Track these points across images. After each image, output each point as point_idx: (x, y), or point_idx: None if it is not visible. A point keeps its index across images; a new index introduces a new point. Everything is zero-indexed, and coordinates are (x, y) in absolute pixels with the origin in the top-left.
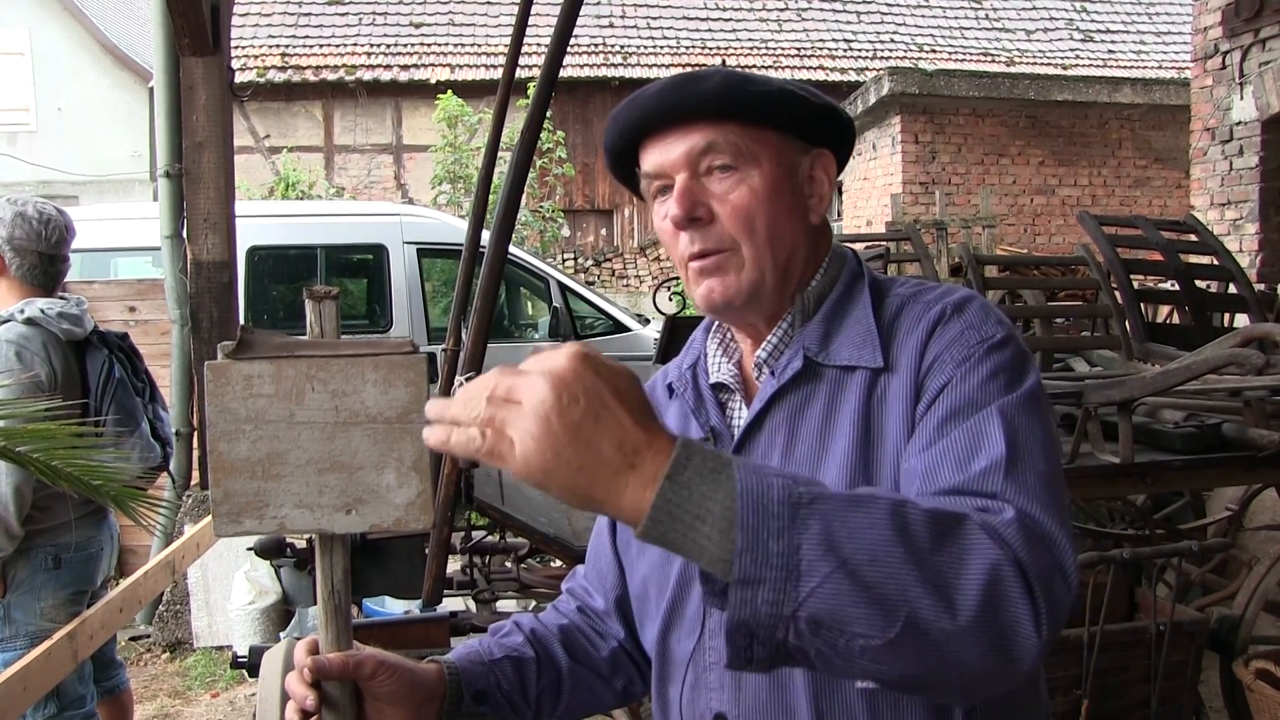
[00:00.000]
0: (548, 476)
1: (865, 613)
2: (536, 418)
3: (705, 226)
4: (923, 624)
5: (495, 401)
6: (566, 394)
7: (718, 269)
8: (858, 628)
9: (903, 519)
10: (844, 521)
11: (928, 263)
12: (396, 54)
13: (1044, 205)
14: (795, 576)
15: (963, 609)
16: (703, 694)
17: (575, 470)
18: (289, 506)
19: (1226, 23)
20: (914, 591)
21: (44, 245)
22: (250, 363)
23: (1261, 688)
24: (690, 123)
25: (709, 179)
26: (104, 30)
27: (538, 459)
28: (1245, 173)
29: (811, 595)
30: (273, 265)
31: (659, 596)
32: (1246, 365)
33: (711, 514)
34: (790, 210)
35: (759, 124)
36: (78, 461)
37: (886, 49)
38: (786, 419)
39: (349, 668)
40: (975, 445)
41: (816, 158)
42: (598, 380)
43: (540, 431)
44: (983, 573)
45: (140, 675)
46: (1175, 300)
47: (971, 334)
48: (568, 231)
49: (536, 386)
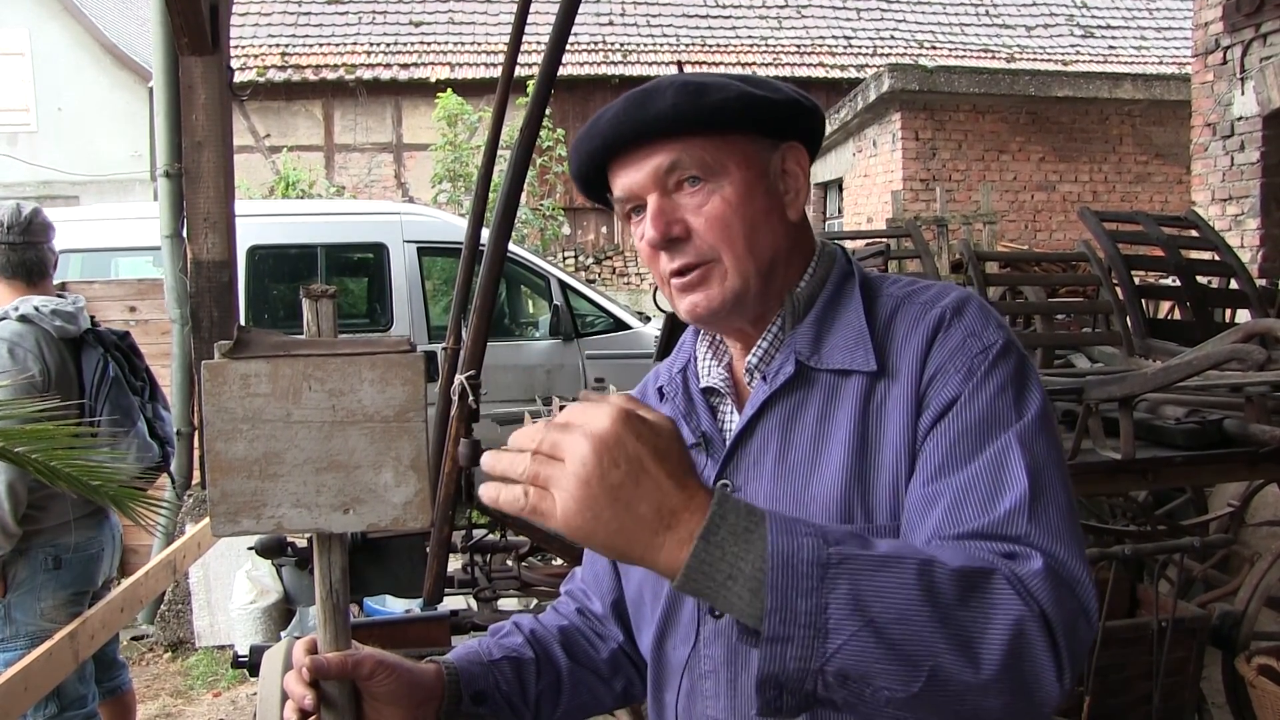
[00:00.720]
0: (587, 536)
1: (890, 668)
2: (578, 480)
3: (683, 243)
4: (945, 677)
5: (539, 458)
6: (608, 457)
7: (701, 282)
8: (882, 681)
9: (930, 579)
10: (871, 581)
11: (928, 259)
12: (396, 53)
13: (1045, 201)
14: (823, 635)
15: (986, 664)
16: (698, 701)
17: (614, 531)
18: (286, 506)
19: (1227, 17)
20: (939, 648)
21: (7, 235)
22: (247, 362)
23: (1264, 683)
24: (651, 142)
25: (679, 194)
26: (103, 30)
27: (577, 519)
28: (1246, 168)
29: (839, 652)
30: (273, 264)
31: (653, 603)
32: (1248, 361)
33: (743, 574)
34: (767, 212)
35: (721, 131)
36: (75, 461)
37: (887, 45)
38: (779, 425)
39: (347, 667)
40: (997, 483)
41: (786, 151)
42: (639, 444)
43: (581, 494)
44: (1007, 628)
45: (142, 675)
46: (1176, 296)
47: (974, 342)
48: (568, 229)
49: (579, 447)
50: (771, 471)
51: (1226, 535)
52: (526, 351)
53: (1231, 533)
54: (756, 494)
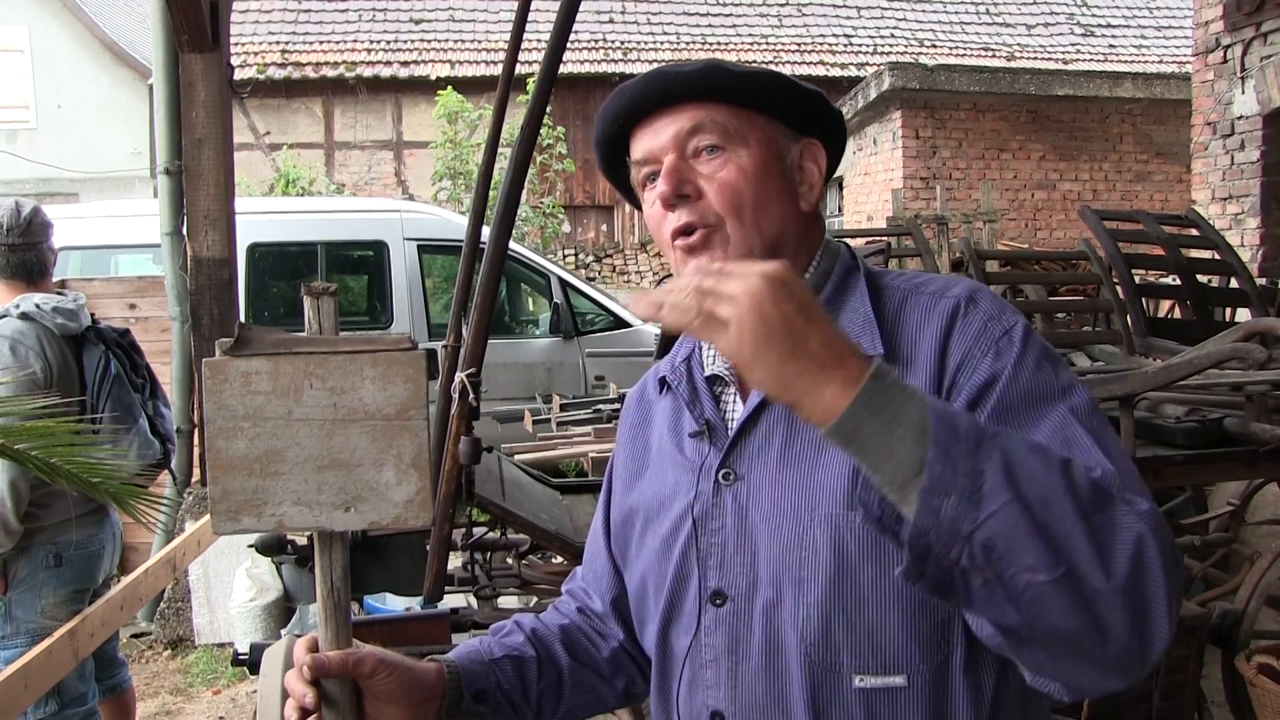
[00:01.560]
0: (756, 359)
1: (1035, 546)
2: (753, 303)
3: (692, 203)
4: (1080, 574)
5: (704, 290)
6: (782, 290)
7: (704, 244)
8: (1027, 559)
9: (1070, 474)
10: (1023, 461)
11: (929, 258)
12: (396, 50)
13: (1045, 200)
14: (977, 499)
15: (1115, 571)
16: (699, 691)
17: (784, 358)
18: (287, 504)
19: (1228, 16)
20: (1077, 541)
21: (8, 236)
22: (248, 359)
23: (1264, 682)
24: (677, 105)
25: (697, 161)
26: (103, 27)
27: (750, 341)
28: (1246, 167)
29: (990, 518)
30: (273, 262)
31: (657, 593)
32: (1248, 360)
33: (908, 420)
34: (779, 192)
35: (746, 106)
36: (76, 459)
37: (887, 44)
38: (785, 412)
39: (348, 666)
40: (1071, 448)
41: (805, 147)
42: (804, 287)
43: (756, 317)
44: (1131, 543)
45: (142, 672)
46: (1177, 295)
47: (995, 326)
48: (568, 227)
49: (750, 278)
50: (777, 459)
51: (1226, 534)
52: (526, 349)
53: (1231, 531)
54: (762, 481)
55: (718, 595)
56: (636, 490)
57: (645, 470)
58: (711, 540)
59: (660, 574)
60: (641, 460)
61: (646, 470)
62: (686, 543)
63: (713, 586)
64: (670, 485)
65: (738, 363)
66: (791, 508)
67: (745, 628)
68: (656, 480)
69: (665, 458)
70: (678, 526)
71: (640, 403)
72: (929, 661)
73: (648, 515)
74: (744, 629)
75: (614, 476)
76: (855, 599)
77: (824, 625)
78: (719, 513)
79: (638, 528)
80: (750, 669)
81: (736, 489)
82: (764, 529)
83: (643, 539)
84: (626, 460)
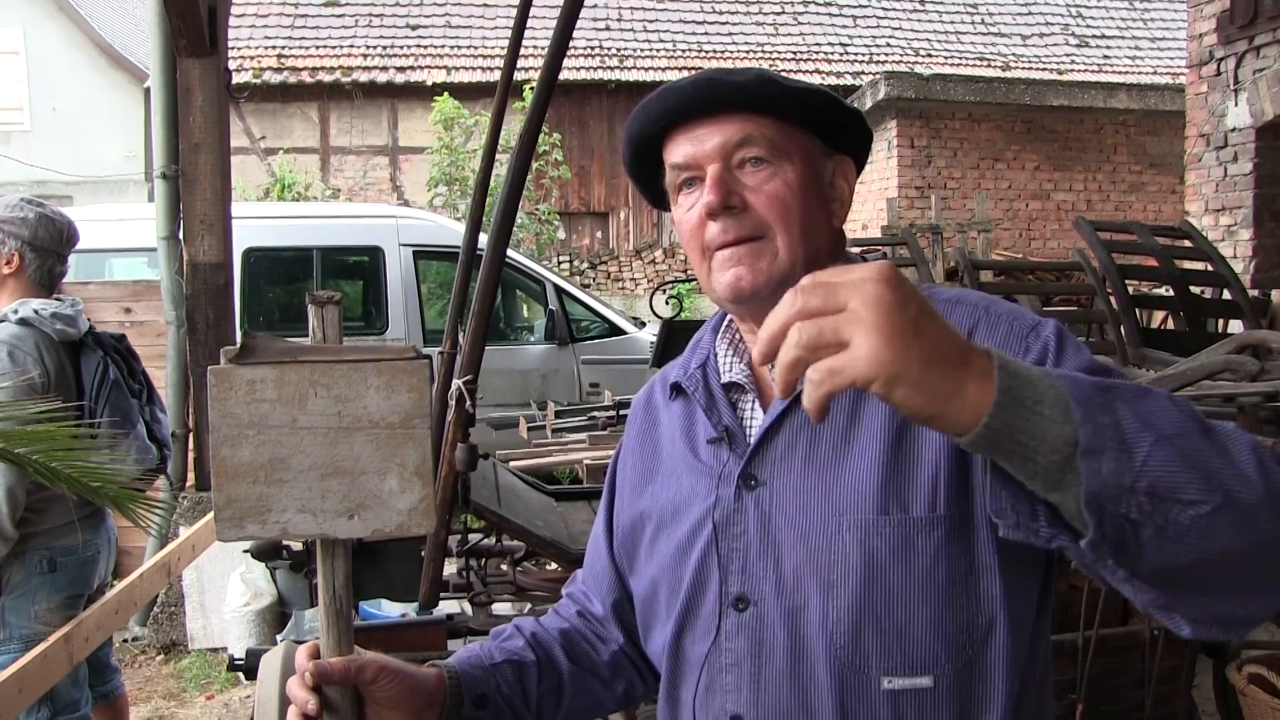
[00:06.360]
0: (899, 370)
1: (1191, 477)
2: (879, 312)
3: (738, 214)
4: (1233, 494)
5: (810, 318)
6: (901, 291)
7: (750, 255)
8: (1189, 494)
9: (1180, 406)
10: (1141, 403)
11: (923, 267)
12: (393, 56)
13: (1039, 210)
14: (1127, 447)
15: (1255, 481)
16: (718, 696)
17: (925, 364)
18: (291, 512)
19: (1221, 29)
20: (1217, 463)
21: (62, 246)
22: (253, 368)
23: (1254, 692)
24: (725, 114)
25: (740, 172)
26: (99, 30)
27: (888, 352)
28: (1240, 179)
29: (1145, 463)
30: (268, 267)
31: (670, 599)
32: (1241, 371)
33: (1048, 397)
34: (819, 208)
35: (790, 121)
36: (76, 463)
37: (882, 53)
38: (807, 420)
39: (351, 672)
40: None
41: (839, 164)
42: (913, 284)
43: (886, 325)
44: (1250, 451)
45: (135, 677)
46: (1170, 306)
47: (1020, 324)
48: (563, 234)
49: (866, 287)
50: (801, 466)
51: None
52: (521, 356)
53: None
54: (786, 487)
55: (740, 600)
56: (647, 495)
57: (656, 475)
58: (733, 545)
59: (675, 579)
60: (651, 465)
61: (657, 475)
62: (706, 548)
63: (735, 592)
64: (686, 491)
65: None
66: (819, 513)
67: (769, 632)
68: (670, 485)
69: (679, 463)
70: (696, 531)
71: (648, 407)
72: (954, 662)
73: (660, 520)
74: (768, 633)
75: (619, 481)
76: (884, 601)
77: (854, 628)
78: (740, 518)
79: (648, 532)
80: (774, 673)
81: (759, 495)
82: (789, 534)
83: (654, 543)
84: (635, 465)
